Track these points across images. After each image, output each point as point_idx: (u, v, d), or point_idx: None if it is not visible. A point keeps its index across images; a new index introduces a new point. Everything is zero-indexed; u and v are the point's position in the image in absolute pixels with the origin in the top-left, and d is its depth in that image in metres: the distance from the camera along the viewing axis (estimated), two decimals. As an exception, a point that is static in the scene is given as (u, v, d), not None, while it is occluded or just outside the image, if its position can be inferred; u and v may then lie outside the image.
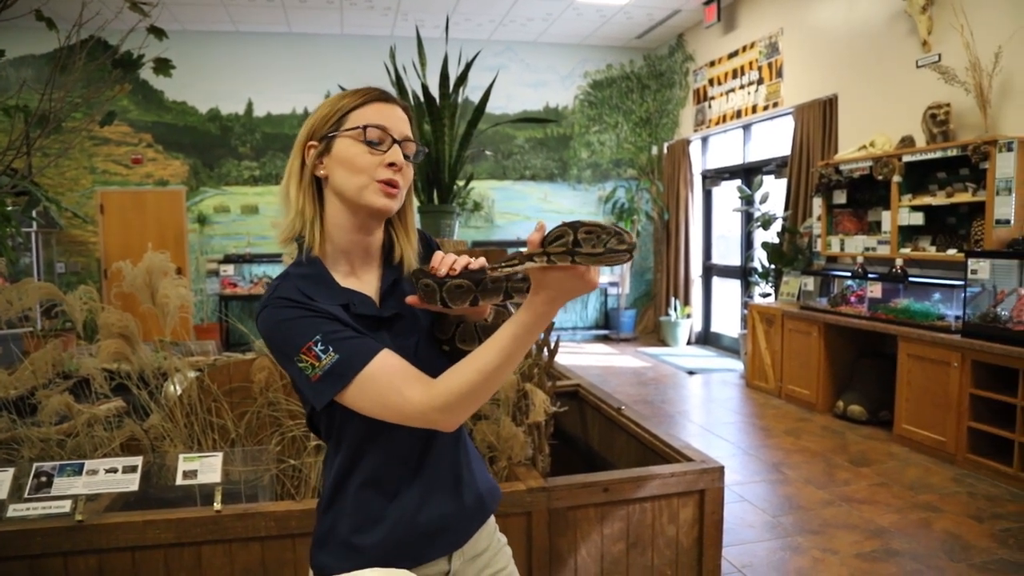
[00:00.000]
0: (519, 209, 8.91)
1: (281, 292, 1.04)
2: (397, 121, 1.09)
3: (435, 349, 1.16)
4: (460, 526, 1.17)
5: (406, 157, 1.09)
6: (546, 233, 0.93)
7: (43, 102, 2.24)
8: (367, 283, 1.14)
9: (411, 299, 1.10)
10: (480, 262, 1.08)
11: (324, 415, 1.09)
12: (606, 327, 9.07)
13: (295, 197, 1.08)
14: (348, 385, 0.99)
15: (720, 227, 8.46)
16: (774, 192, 6.66)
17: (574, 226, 0.91)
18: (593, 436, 3.14)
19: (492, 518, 1.26)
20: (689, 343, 8.39)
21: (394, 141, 1.07)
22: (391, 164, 1.06)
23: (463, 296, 1.06)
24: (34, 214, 6.40)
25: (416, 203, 1.22)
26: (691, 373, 6.80)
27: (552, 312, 0.96)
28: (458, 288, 1.06)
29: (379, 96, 1.09)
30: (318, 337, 0.99)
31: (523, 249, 0.97)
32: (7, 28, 2.33)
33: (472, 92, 6.09)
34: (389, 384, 0.98)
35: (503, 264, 1.02)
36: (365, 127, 1.05)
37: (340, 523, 1.11)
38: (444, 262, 1.07)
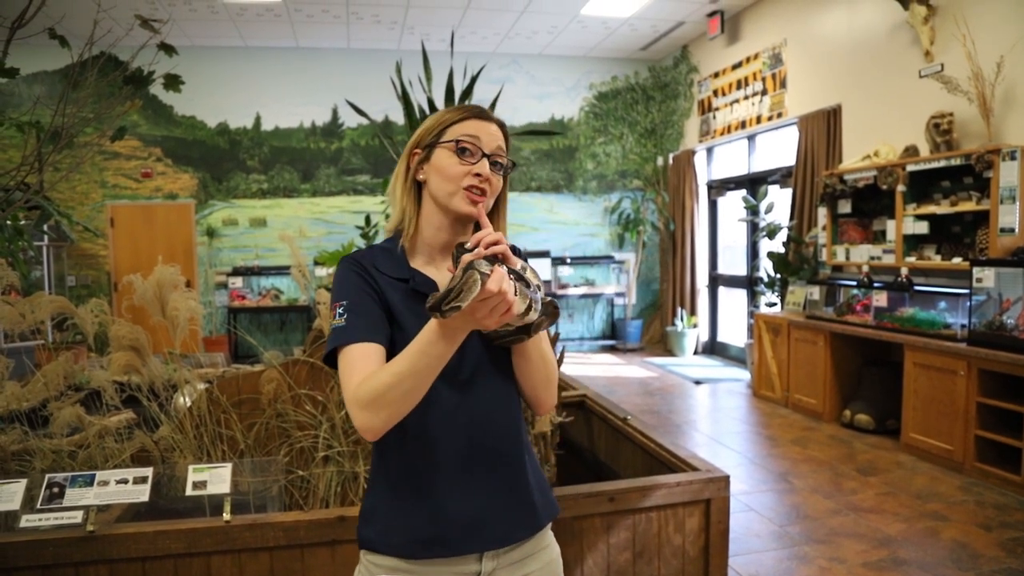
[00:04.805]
0: (525, 220, 8.95)
1: (357, 255, 1.20)
2: (489, 136, 1.19)
3: (483, 350, 1.18)
4: (499, 526, 1.16)
5: (496, 165, 1.18)
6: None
7: (55, 118, 2.28)
8: (442, 276, 1.21)
9: (449, 268, 1.15)
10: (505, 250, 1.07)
11: None
12: (612, 337, 9.07)
13: (400, 196, 1.23)
14: (335, 350, 1.11)
15: (726, 237, 8.46)
16: (779, 202, 6.67)
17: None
18: (599, 446, 3.15)
19: (551, 538, 1.27)
20: (695, 353, 8.38)
21: (483, 155, 1.17)
22: (477, 175, 1.16)
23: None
24: (46, 228, 6.46)
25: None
26: (697, 383, 6.79)
27: (460, 335, 1.01)
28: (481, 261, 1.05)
29: (476, 113, 1.20)
30: (346, 303, 1.13)
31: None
32: (21, 46, 2.38)
33: (477, 105, 6.12)
34: (351, 368, 1.08)
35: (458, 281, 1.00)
36: (458, 140, 1.17)
37: (381, 499, 1.18)
38: (479, 235, 1.07)
